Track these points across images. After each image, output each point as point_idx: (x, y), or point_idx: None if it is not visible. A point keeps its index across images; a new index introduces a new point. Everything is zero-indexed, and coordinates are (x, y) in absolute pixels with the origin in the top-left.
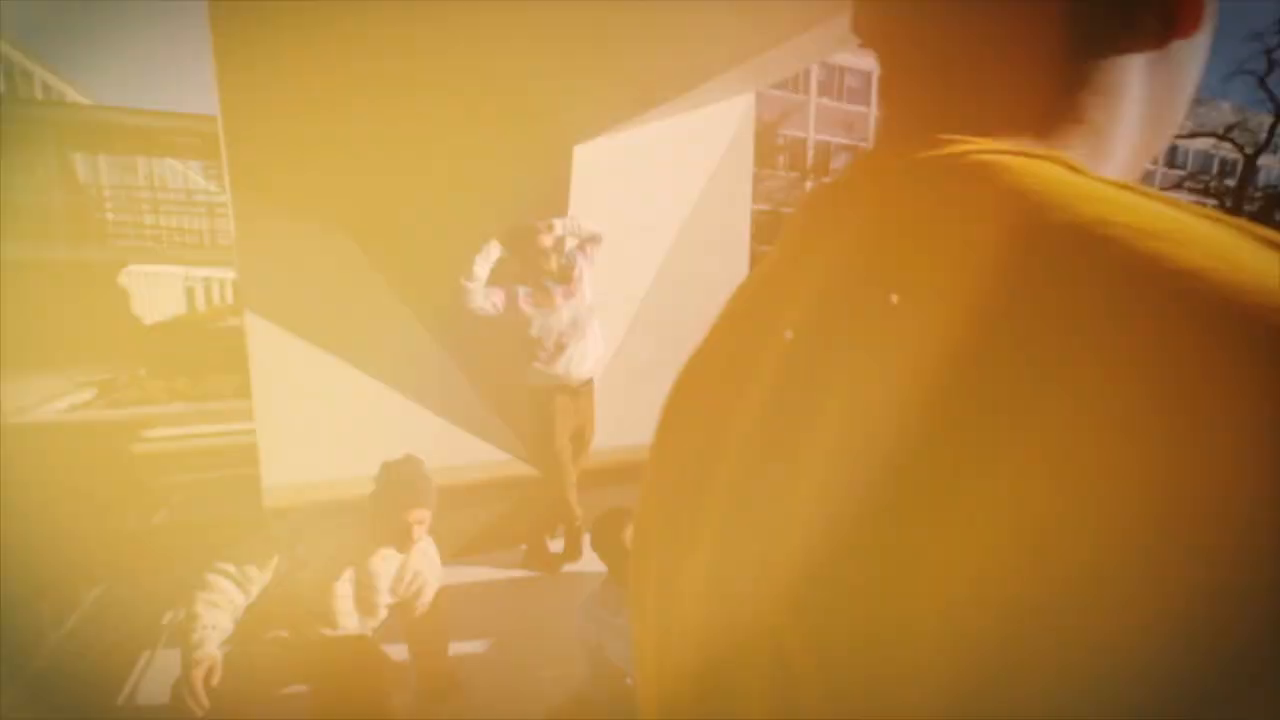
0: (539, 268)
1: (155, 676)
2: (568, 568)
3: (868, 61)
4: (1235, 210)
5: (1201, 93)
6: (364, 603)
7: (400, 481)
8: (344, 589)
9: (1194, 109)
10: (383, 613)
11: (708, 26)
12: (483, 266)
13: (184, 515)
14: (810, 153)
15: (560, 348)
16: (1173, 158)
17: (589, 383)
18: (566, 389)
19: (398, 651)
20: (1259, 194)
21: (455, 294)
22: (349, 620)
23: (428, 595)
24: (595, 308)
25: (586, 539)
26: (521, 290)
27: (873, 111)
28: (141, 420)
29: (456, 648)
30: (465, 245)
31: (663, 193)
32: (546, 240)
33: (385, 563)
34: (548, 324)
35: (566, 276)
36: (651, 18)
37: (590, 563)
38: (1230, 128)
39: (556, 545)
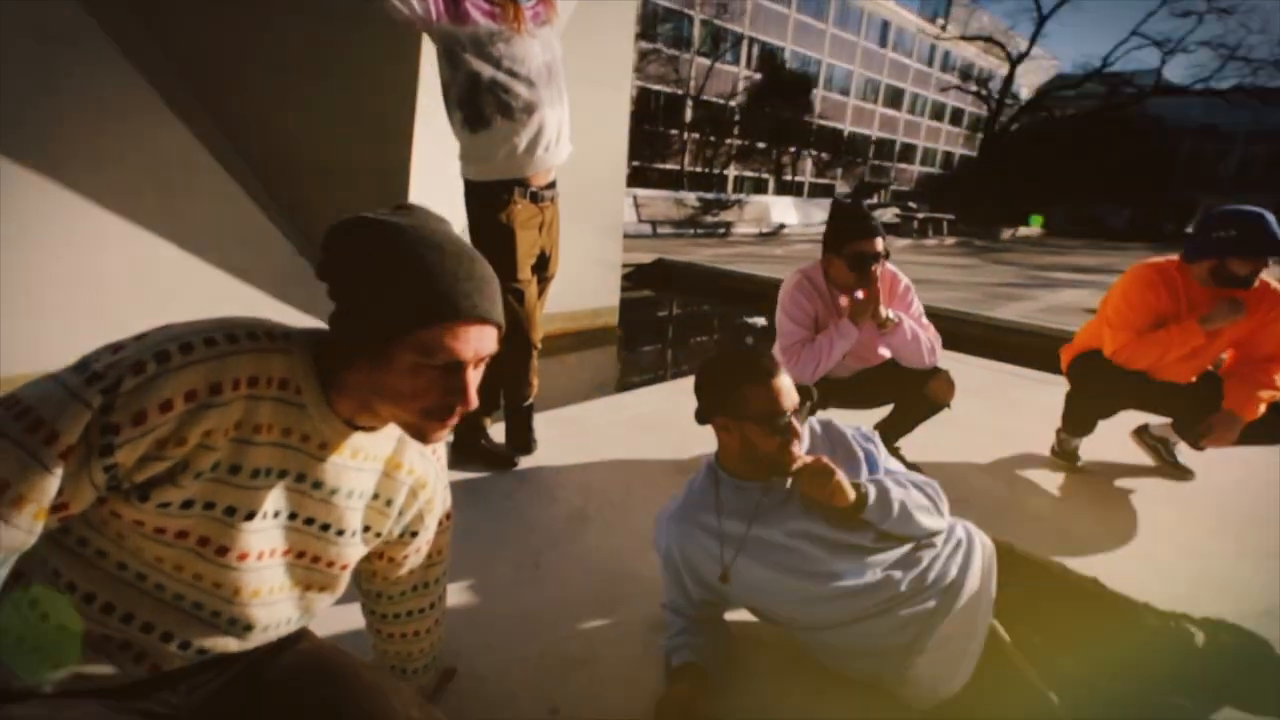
0: None
1: None
2: (525, 463)
3: None
4: (995, 115)
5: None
6: (306, 563)
7: (427, 259)
8: (255, 538)
9: (968, 14)
10: (344, 583)
11: None
12: None
13: None
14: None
15: (529, 109)
16: (946, 61)
17: (555, 184)
18: (530, 187)
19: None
20: (1010, 102)
21: None
22: (275, 610)
23: (429, 530)
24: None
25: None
26: None
27: None
28: None
29: None
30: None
31: None
32: None
33: (358, 468)
34: (512, 57)
35: None
36: None
37: (550, 456)
38: (990, 37)
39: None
